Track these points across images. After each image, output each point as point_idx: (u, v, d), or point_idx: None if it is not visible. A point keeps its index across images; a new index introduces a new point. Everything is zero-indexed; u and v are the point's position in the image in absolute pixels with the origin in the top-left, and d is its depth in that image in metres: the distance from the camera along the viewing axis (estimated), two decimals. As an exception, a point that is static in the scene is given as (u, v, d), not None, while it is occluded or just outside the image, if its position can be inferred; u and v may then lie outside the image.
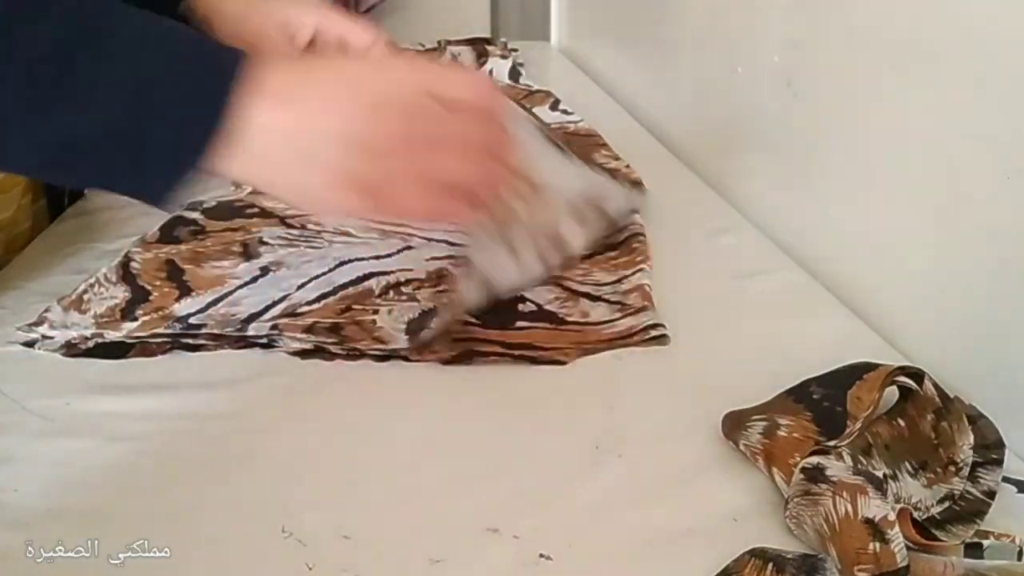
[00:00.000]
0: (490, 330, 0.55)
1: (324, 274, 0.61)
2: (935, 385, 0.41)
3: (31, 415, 0.47)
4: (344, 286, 0.59)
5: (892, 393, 0.43)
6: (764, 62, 0.75)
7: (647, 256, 0.64)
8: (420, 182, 0.38)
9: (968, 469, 0.39)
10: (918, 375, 0.42)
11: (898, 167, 0.57)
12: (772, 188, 0.75)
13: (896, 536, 0.34)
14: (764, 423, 0.43)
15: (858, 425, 0.40)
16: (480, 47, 1.40)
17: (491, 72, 1.07)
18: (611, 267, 0.64)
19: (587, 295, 0.59)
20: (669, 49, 1.03)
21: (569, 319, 0.57)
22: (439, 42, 1.44)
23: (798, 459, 0.40)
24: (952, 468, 0.39)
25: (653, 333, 0.54)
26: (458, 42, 1.43)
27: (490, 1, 2.09)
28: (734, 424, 0.44)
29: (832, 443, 0.40)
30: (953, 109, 0.51)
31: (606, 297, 0.59)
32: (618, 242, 0.67)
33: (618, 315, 0.57)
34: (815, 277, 0.64)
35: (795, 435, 0.42)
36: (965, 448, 0.39)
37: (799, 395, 0.44)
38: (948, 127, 0.52)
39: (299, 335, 0.54)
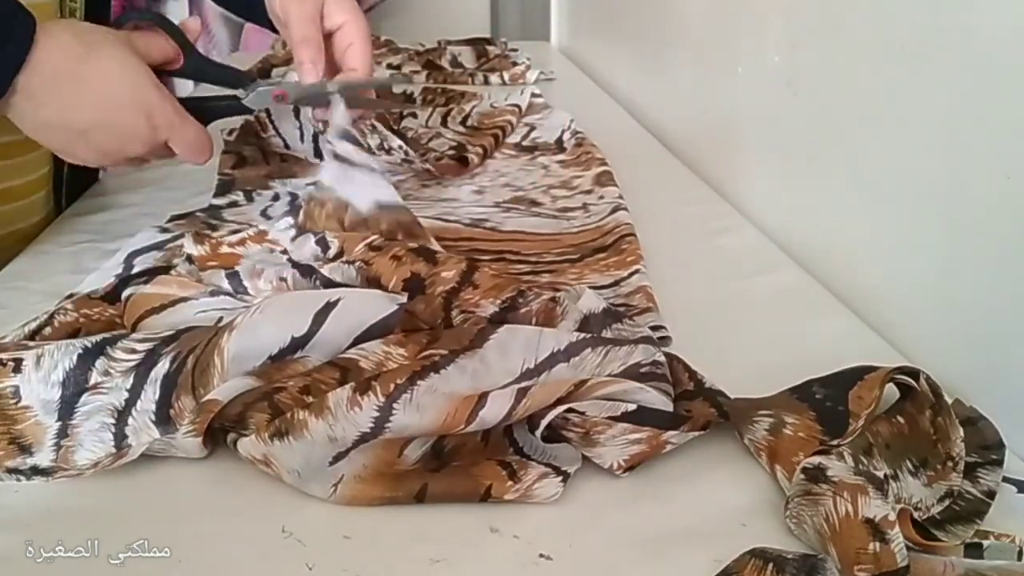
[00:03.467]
0: None
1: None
2: (928, 382, 0.42)
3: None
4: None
5: (892, 394, 0.44)
6: (764, 62, 0.75)
7: (638, 256, 0.64)
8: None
9: (963, 463, 0.39)
10: (914, 374, 0.42)
11: (898, 167, 0.57)
12: (772, 188, 0.75)
13: (896, 536, 0.34)
14: (771, 420, 0.43)
15: (860, 423, 0.40)
16: (480, 47, 1.40)
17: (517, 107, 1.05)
18: (602, 268, 0.63)
19: None
20: (669, 49, 1.03)
21: None
22: (439, 42, 1.44)
23: (802, 458, 0.40)
24: (950, 464, 0.39)
25: (655, 335, 0.54)
26: (458, 42, 1.43)
27: (490, 1, 2.09)
28: (739, 416, 0.44)
29: (835, 442, 0.40)
30: (953, 108, 0.51)
31: (610, 301, 0.59)
32: (607, 244, 0.67)
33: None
34: (815, 277, 0.64)
35: (800, 434, 0.42)
36: (958, 442, 0.39)
37: (802, 394, 0.44)
38: (948, 127, 0.52)
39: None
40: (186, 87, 1.06)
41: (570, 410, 0.42)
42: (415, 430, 0.41)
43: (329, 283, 0.53)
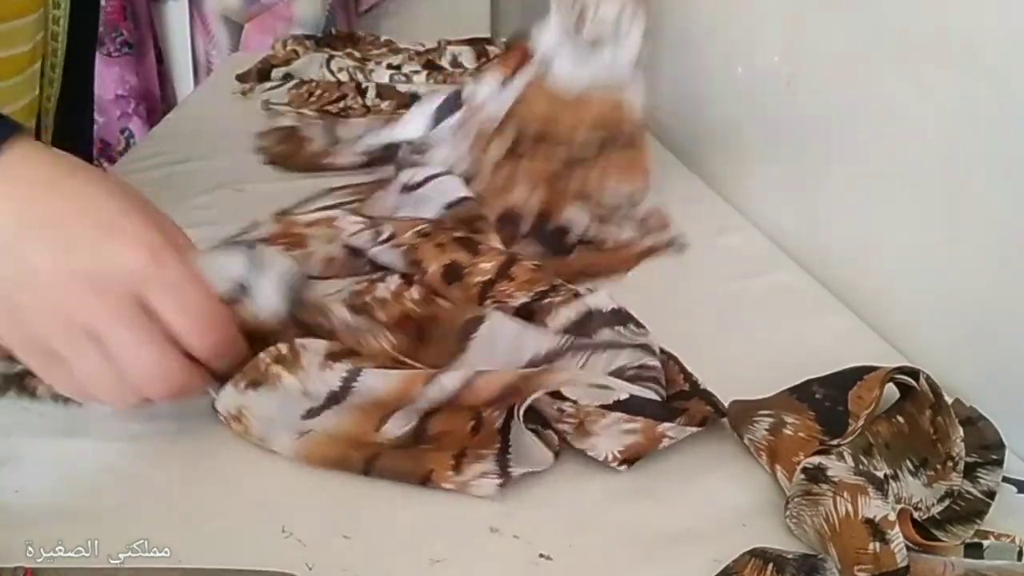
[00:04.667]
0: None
1: None
2: (929, 382, 0.42)
3: (32, 415, 0.47)
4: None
5: (892, 394, 0.43)
6: (764, 62, 0.75)
7: (647, 170, 0.70)
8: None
9: (963, 463, 0.39)
10: (914, 373, 0.42)
11: (898, 167, 0.57)
12: (772, 188, 0.75)
13: (896, 536, 0.34)
14: (771, 420, 0.43)
15: (860, 423, 0.40)
16: (480, 47, 1.40)
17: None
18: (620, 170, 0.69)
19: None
20: (669, 49, 1.03)
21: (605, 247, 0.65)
22: (439, 42, 1.43)
23: (802, 458, 0.40)
24: (950, 464, 0.39)
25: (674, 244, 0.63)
26: (458, 42, 1.43)
27: (490, 1, 2.09)
28: (740, 416, 0.44)
29: (835, 442, 0.40)
30: (953, 108, 0.51)
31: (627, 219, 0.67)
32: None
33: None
34: (815, 277, 0.64)
35: (800, 434, 0.42)
36: (958, 442, 0.39)
37: (802, 394, 0.44)
38: (948, 126, 0.52)
39: None
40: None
41: (563, 399, 0.42)
42: (381, 392, 0.43)
43: (375, 265, 0.58)
